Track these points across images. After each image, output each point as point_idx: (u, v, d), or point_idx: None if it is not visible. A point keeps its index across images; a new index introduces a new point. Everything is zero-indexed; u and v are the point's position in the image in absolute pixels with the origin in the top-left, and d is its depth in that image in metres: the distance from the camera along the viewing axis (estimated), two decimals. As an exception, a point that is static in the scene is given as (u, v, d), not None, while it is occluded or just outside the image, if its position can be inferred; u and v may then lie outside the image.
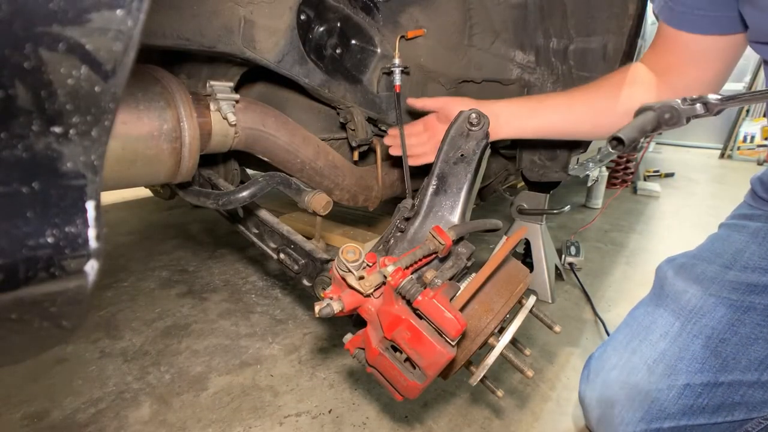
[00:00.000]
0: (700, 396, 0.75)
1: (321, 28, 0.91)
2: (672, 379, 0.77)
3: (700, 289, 0.81)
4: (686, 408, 0.75)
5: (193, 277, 1.50)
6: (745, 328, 0.75)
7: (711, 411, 0.74)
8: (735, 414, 0.73)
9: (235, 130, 0.76)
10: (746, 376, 0.73)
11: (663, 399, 0.77)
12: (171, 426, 0.91)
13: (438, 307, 0.54)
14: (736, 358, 0.74)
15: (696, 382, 0.75)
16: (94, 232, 0.34)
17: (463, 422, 0.93)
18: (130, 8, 0.29)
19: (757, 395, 0.72)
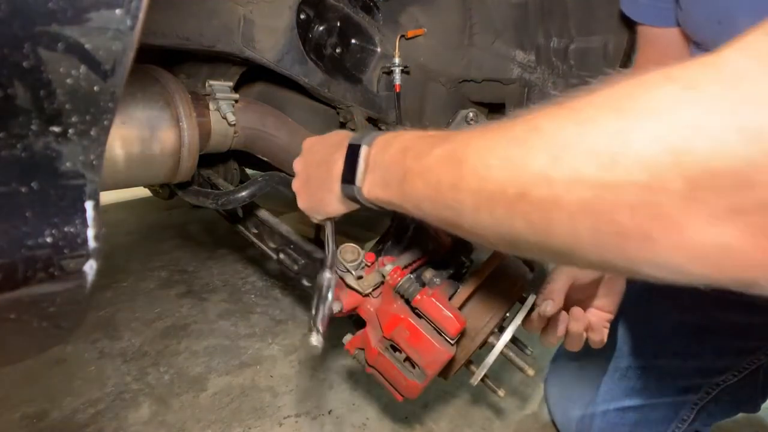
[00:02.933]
0: (640, 378, 0.78)
1: (321, 27, 0.91)
2: (617, 361, 0.80)
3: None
4: (628, 389, 0.78)
5: (193, 278, 1.50)
6: (676, 313, 0.79)
7: (648, 392, 0.77)
8: (668, 395, 0.77)
9: (234, 130, 0.76)
10: (676, 360, 0.76)
11: (608, 381, 0.80)
12: (170, 426, 0.91)
13: (437, 306, 0.54)
14: (668, 342, 0.78)
15: (636, 365, 0.79)
16: (92, 232, 0.34)
17: (463, 423, 0.93)
18: (128, 8, 0.29)
19: (685, 377, 0.76)
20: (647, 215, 0.25)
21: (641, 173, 0.24)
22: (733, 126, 0.21)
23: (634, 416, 0.78)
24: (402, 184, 0.43)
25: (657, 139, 0.24)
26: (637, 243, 0.26)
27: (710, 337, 0.75)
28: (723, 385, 0.74)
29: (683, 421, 0.77)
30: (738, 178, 0.22)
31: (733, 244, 0.23)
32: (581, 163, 0.27)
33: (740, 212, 0.22)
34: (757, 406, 0.77)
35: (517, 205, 0.30)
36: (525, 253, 0.35)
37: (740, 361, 0.73)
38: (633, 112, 0.24)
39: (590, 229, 0.27)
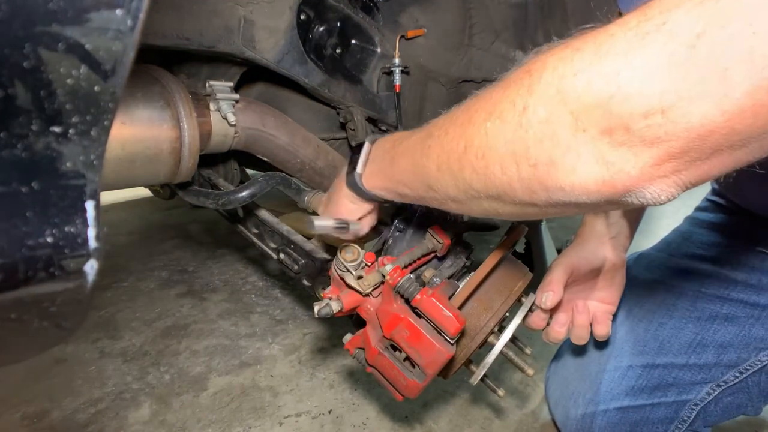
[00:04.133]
0: (640, 377, 0.78)
1: (321, 27, 0.91)
2: (618, 360, 0.81)
3: (648, 276, 0.86)
4: (628, 389, 0.79)
5: (193, 277, 1.50)
6: (678, 312, 0.79)
7: (649, 391, 0.77)
8: (668, 395, 0.76)
9: (234, 130, 0.76)
10: (677, 359, 0.76)
11: (609, 380, 0.80)
12: (171, 426, 0.91)
13: (436, 305, 0.54)
14: (670, 341, 0.78)
15: (637, 364, 0.79)
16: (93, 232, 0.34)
17: (463, 422, 0.93)
18: (129, 8, 0.29)
19: (686, 377, 0.76)
20: (550, 144, 0.33)
21: (542, 111, 0.33)
22: (598, 73, 0.30)
23: (634, 416, 0.78)
24: (390, 166, 0.53)
25: (550, 84, 0.32)
26: (545, 169, 0.33)
27: (712, 336, 0.75)
28: (725, 386, 0.74)
29: (683, 422, 0.77)
30: (604, 111, 0.30)
31: (614, 164, 0.30)
32: (505, 111, 0.35)
33: (615, 138, 0.30)
34: (759, 409, 0.76)
35: (464, 156, 0.39)
36: (478, 204, 0.42)
37: (742, 362, 0.73)
38: (537, 72, 0.34)
39: (514, 164, 0.35)
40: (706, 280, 0.79)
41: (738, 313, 0.74)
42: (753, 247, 0.76)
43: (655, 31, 0.28)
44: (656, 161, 0.29)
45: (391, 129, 1.06)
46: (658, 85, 0.27)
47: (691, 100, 0.27)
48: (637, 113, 0.28)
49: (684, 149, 0.28)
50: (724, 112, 0.26)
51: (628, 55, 0.29)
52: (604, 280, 0.74)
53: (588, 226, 0.76)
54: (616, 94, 0.29)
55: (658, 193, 0.31)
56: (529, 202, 0.36)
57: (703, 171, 0.30)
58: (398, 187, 0.53)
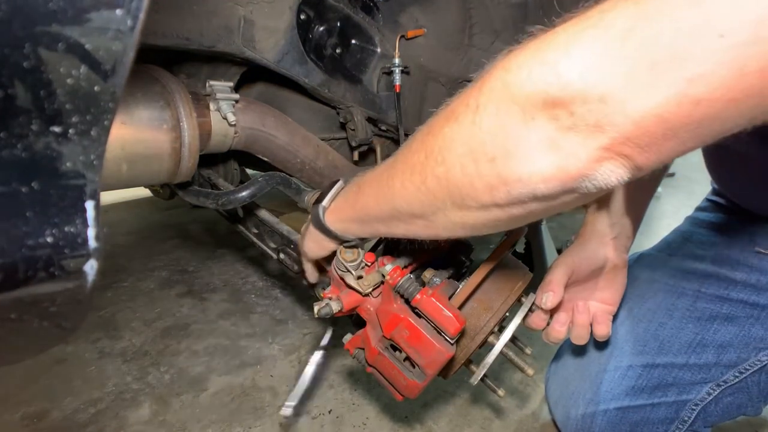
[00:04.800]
0: (640, 377, 0.78)
1: (321, 27, 0.91)
2: (618, 360, 0.81)
3: (648, 275, 0.86)
4: (628, 388, 0.79)
5: (193, 277, 1.50)
6: (678, 313, 0.79)
7: (649, 391, 0.78)
8: (669, 395, 0.77)
9: (234, 130, 0.76)
10: (678, 359, 0.76)
11: (609, 380, 0.80)
12: (171, 426, 0.91)
13: (436, 305, 0.54)
14: (670, 341, 0.78)
15: (638, 364, 0.79)
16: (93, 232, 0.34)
17: (463, 422, 0.93)
18: (129, 8, 0.29)
19: (686, 377, 0.76)
20: (503, 137, 0.34)
21: (492, 106, 0.34)
22: (540, 63, 0.32)
23: (634, 416, 0.78)
24: (356, 198, 0.53)
25: (497, 79, 0.34)
26: (502, 162, 0.34)
27: (712, 336, 0.75)
28: (725, 386, 0.74)
29: (684, 422, 0.77)
30: (546, 98, 0.31)
31: (564, 148, 0.32)
32: (460, 113, 0.37)
33: (562, 123, 0.31)
34: (759, 409, 0.76)
35: (426, 165, 0.40)
36: (444, 218, 0.42)
37: (742, 361, 0.73)
38: (487, 73, 0.36)
39: (473, 162, 0.36)
40: (706, 280, 0.79)
41: (737, 312, 0.74)
42: (752, 246, 0.76)
43: (593, 26, 0.30)
44: (603, 145, 0.31)
45: (391, 129, 1.06)
46: (594, 73, 0.29)
47: (625, 89, 0.29)
48: (577, 99, 0.30)
49: (625, 134, 0.30)
50: (653, 101, 0.28)
51: (567, 47, 0.31)
52: (605, 281, 0.74)
53: (589, 226, 0.76)
54: (556, 82, 0.31)
55: (607, 175, 0.32)
56: (491, 202, 0.37)
57: (647, 157, 0.31)
58: (363, 215, 0.53)
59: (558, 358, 0.95)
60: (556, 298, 0.67)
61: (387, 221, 0.49)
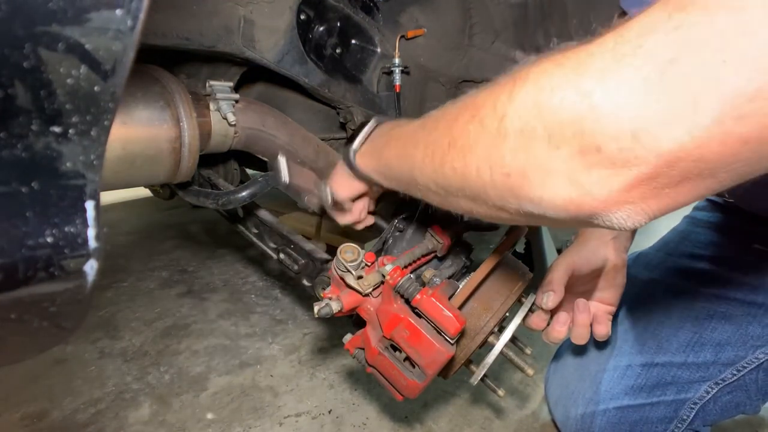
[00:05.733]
0: (639, 376, 0.79)
1: (321, 27, 0.91)
2: (617, 359, 0.81)
3: (647, 275, 0.87)
4: (628, 388, 0.79)
5: (193, 277, 1.50)
6: (676, 312, 0.79)
7: (648, 390, 0.78)
8: (668, 394, 0.77)
9: (234, 130, 0.76)
10: (676, 358, 0.77)
11: (609, 379, 0.81)
12: (171, 426, 0.91)
13: (436, 305, 0.54)
14: (669, 339, 0.78)
15: (636, 363, 0.79)
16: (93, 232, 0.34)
17: (463, 422, 0.93)
18: (129, 8, 0.29)
19: (684, 375, 0.76)
20: (523, 157, 0.33)
21: (519, 121, 0.33)
22: (574, 90, 0.30)
23: (634, 415, 0.78)
24: (382, 150, 0.54)
25: (528, 95, 0.33)
26: (517, 180, 0.34)
27: (710, 335, 0.75)
28: (722, 384, 0.74)
29: (683, 421, 0.77)
30: (576, 130, 0.30)
31: (583, 185, 0.31)
32: (486, 116, 0.36)
33: (587, 159, 0.30)
34: (757, 408, 0.76)
35: (447, 153, 0.40)
36: (455, 202, 0.43)
37: (740, 359, 0.73)
38: (521, 81, 0.34)
39: (489, 169, 0.36)
40: (704, 279, 0.79)
41: (735, 311, 0.74)
42: (750, 245, 0.76)
43: (631, 54, 0.28)
44: (625, 186, 0.29)
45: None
46: (630, 108, 0.27)
47: (661, 125, 0.27)
48: (608, 135, 0.28)
49: (653, 175, 0.28)
50: (693, 139, 0.26)
51: (603, 75, 0.29)
52: (605, 281, 0.74)
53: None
54: (589, 114, 0.29)
55: (624, 219, 0.31)
56: (500, 207, 0.37)
57: (672, 199, 0.30)
58: (386, 169, 0.54)
59: (557, 358, 0.95)
60: (556, 297, 0.67)
61: (406, 184, 0.50)
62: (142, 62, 0.71)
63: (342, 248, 0.60)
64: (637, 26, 0.28)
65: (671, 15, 0.27)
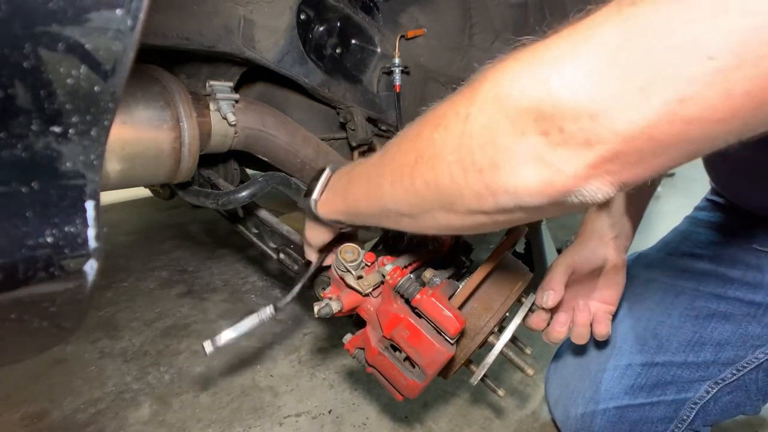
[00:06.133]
0: (639, 375, 0.79)
1: (321, 27, 0.91)
2: (617, 359, 0.81)
3: (647, 275, 0.86)
4: (628, 387, 0.79)
5: (193, 277, 1.50)
6: (676, 311, 0.79)
7: (648, 390, 0.78)
8: (668, 393, 0.77)
9: (234, 130, 0.76)
10: (676, 357, 0.77)
11: (609, 379, 0.81)
12: (171, 426, 0.91)
13: (436, 305, 0.54)
14: (669, 339, 0.78)
15: (636, 362, 0.79)
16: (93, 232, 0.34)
17: (463, 422, 0.93)
18: (129, 8, 0.29)
19: (684, 375, 0.76)
20: (492, 149, 0.34)
21: (483, 117, 0.34)
22: (532, 78, 0.32)
23: (634, 415, 0.78)
24: (346, 190, 0.54)
25: (489, 91, 0.34)
26: (490, 174, 0.35)
27: (710, 334, 0.75)
28: (722, 384, 0.74)
29: (683, 421, 0.77)
30: (538, 114, 0.31)
31: (552, 164, 0.32)
32: (450, 122, 0.37)
33: (552, 139, 0.31)
34: (758, 408, 0.76)
35: (416, 168, 0.40)
36: (431, 218, 0.42)
37: (740, 359, 0.73)
38: (479, 82, 0.35)
39: (462, 171, 0.36)
40: (704, 279, 0.79)
41: (735, 311, 0.74)
42: (750, 245, 0.76)
43: (583, 41, 0.30)
44: (592, 162, 0.31)
45: (391, 129, 1.06)
46: (585, 91, 0.29)
47: (615, 108, 0.29)
48: (567, 116, 0.30)
49: (614, 152, 0.30)
50: (645, 119, 0.28)
51: (558, 62, 0.31)
52: (605, 280, 0.74)
53: (589, 226, 0.76)
54: (548, 99, 0.31)
55: (594, 191, 0.32)
56: (478, 209, 0.38)
57: (635, 174, 0.31)
58: (353, 209, 0.53)
59: (557, 358, 0.95)
60: (556, 297, 0.67)
61: (377, 217, 0.50)
62: (142, 62, 0.71)
63: (342, 248, 0.60)
64: (591, 20, 0.31)
65: (621, 9, 0.29)
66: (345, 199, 0.54)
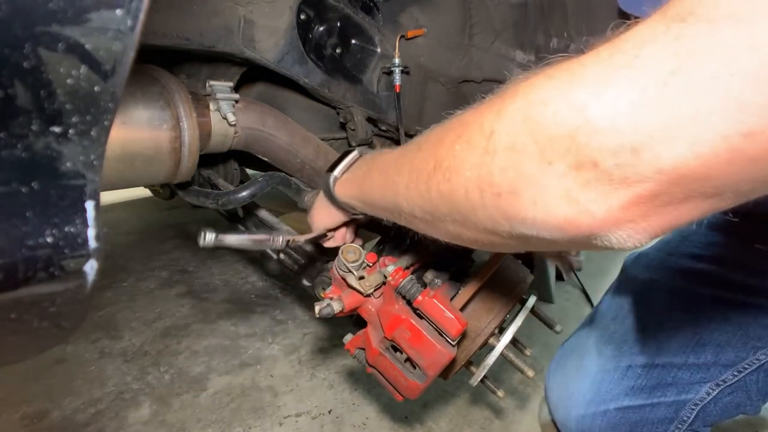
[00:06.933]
0: (640, 377, 0.78)
1: (321, 27, 0.91)
2: (617, 360, 0.81)
3: (647, 275, 0.86)
4: (628, 389, 0.79)
5: (193, 277, 1.50)
6: (676, 312, 0.79)
7: (648, 391, 0.78)
8: (668, 395, 0.77)
9: (234, 130, 0.76)
10: (676, 359, 0.76)
11: (609, 380, 0.80)
12: (170, 426, 0.91)
13: (438, 307, 0.54)
14: (669, 340, 0.78)
15: (637, 364, 0.79)
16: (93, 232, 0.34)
17: (463, 422, 0.93)
18: (129, 8, 0.29)
19: (685, 376, 0.76)
20: (514, 174, 0.31)
21: (508, 137, 0.31)
22: (567, 103, 0.28)
23: (634, 416, 0.78)
24: (364, 179, 0.53)
25: (518, 110, 0.31)
26: (508, 199, 0.32)
27: (710, 336, 0.75)
28: (723, 385, 0.74)
29: (683, 422, 0.77)
30: (571, 144, 0.28)
31: (579, 202, 0.28)
32: (473, 135, 0.34)
33: (582, 174, 0.28)
34: (758, 408, 0.76)
35: (433, 176, 0.38)
36: (443, 227, 0.41)
37: (741, 360, 0.73)
38: (509, 97, 0.32)
39: (478, 190, 0.33)
40: (705, 280, 0.79)
41: (735, 312, 0.74)
42: (751, 246, 0.76)
43: (627, 65, 0.26)
44: (625, 204, 0.27)
45: (391, 129, 1.06)
46: (628, 121, 0.26)
47: (663, 141, 0.25)
48: (605, 150, 0.26)
49: (654, 192, 0.26)
50: (697, 156, 0.24)
51: (598, 87, 0.27)
52: None
53: None
54: (584, 127, 0.27)
55: (625, 238, 0.29)
56: (491, 230, 0.35)
57: (674, 217, 0.28)
58: (368, 198, 0.51)
59: (558, 359, 0.95)
60: None
61: (389, 212, 0.48)
62: (142, 62, 0.71)
63: (344, 248, 0.60)
64: (633, 37, 0.27)
65: (670, 26, 0.25)
66: (361, 187, 0.53)
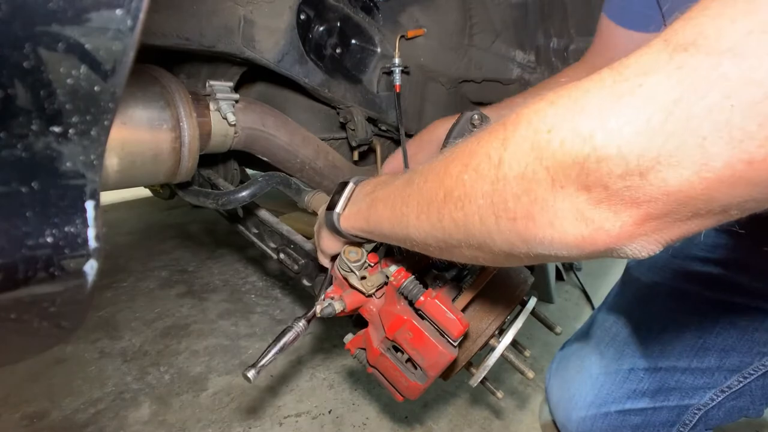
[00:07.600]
0: (642, 380, 0.78)
1: (321, 27, 0.91)
2: (620, 362, 0.81)
3: (651, 278, 0.86)
4: (630, 392, 0.78)
5: (193, 277, 1.50)
6: (680, 316, 0.78)
7: (651, 395, 0.77)
8: (671, 399, 0.76)
9: (234, 130, 0.76)
10: (680, 363, 0.76)
11: (611, 382, 0.80)
12: (170, 426, 0.91)
13: (440, 308, 0.54)
14: (673, 344, 0.77)
15: (639, 367, 0.79)
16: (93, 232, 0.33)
17: (463, 422, 0.93)
18: (129, 8, 0.29)
19: (688, 381, 0.75)
20: (527, 200, 0.32)
21: (517, 166, 0.32)
22: (573, 131, 0.29)
23: (635, 419, 0.78)
24: (369, 210, 0.52)
25: (524, 138, 0.32)
26: (524, 223, 0.33)
27: (715, 340, 0.75)
28: (728, 392, 0.74)
29: (685, 425, 0.76)
30: (581, 170, 0.29)
31: (593, 221, 0.30)
32: (481, 164, 0.35)
33: (594, 196, 0.29)
34: (761, 411, 0.76)
35: (444, 205, 0.38)
36: (458, 252, 0.41)
37: (746, 366, 0.72)
38: (512, 125, 0.33)
39: (493, 216, 0.34)
40: (710, 283, 0.78)
41: (741, 316, 0.73)
42: (759, 249, 0.75)
43: (630, 93, 0.27)
44: (636, 221, 0.29)
45: (391, 129, 1.06)
46: (634, 148, 0.27)
47: (669, 165, 0.26)
48: (614, 174, 0.28)
49: (663, 211, 0.28)
50: (702, 180, 0.26)
51: (603, 116, 0.28)
52: None
53: None
54: (592, 155, 0.28)
55: (638, 250, 0.31)
56: (508, 252, 0.36)
57: (684, 230, 0.30)
58: (376, 230, 0.51)
59: (559, 360, 0.95)
60: None
61: (401, 241, 0.48)
62: (142, 62, 0.71)
63: (346, 248, 0.59)
64: (635, 64, 0.28)
65: (672, 55, 0.26)
66: (367, 220, 0.52)
